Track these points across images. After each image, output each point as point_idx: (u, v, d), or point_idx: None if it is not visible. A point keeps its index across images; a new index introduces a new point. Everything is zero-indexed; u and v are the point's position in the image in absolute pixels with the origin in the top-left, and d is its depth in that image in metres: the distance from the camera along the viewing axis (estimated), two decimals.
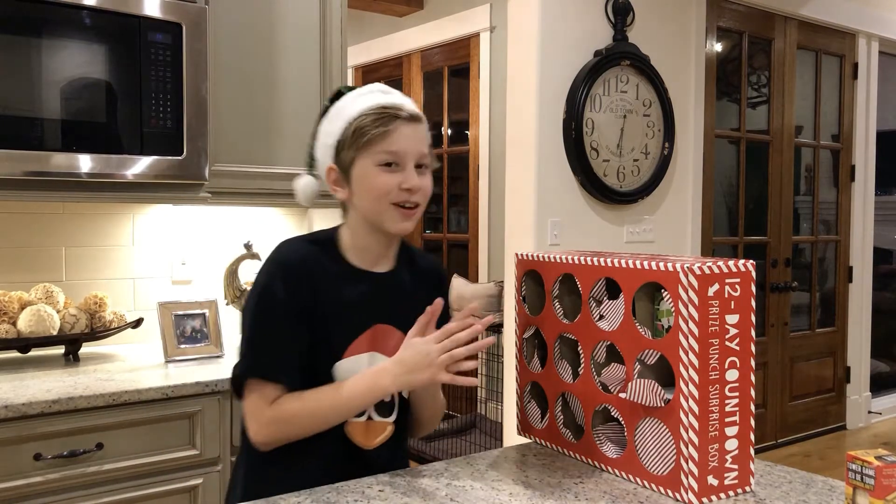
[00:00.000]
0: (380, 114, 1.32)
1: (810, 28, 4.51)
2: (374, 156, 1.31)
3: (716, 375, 1.18)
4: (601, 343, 1.32)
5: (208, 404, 1.97)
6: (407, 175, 1.31)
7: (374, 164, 1.31)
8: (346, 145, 1.33)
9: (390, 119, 1.31)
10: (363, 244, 1.37)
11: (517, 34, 3.31)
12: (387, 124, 1.31)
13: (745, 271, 1.20)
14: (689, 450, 1.17)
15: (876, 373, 5.12)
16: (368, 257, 1.38)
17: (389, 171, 1.31)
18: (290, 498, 1.20)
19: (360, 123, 1.31)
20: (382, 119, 1.31)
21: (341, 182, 1.36)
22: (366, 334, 1.35)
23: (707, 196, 3.99)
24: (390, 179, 1.31)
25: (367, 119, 1.31)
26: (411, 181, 1.31)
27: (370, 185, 1.31)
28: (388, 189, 1.31)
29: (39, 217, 2.31)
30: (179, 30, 2.09)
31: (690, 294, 1.15)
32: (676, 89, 3.70)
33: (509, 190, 3.37)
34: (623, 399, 1.27)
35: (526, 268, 1.49)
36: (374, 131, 1.30)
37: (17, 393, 1.78)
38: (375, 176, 1.31)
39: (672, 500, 1.20)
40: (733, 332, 1.19)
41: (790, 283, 4.52)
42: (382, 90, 1.38)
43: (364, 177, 1.32)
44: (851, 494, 1.09)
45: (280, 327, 1.30)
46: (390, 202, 1.31)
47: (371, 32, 5.42)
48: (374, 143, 1.30)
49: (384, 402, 1.37)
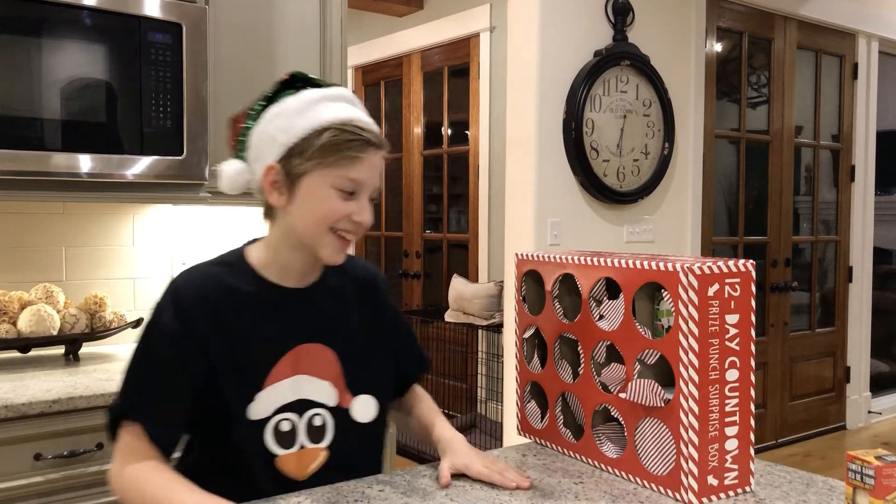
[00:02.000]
0: (357, 136, 1.19)
1: (810, 28, 4.51)
2: (335, 178, 1.19)
3: (716, 375, 1.18)
4: (601, 343, 1.32)
5: None
6: (361, 206, 1.21)
7: (330, 186, 1.19)
8: (303, 153, 1.19)
9: (365, 145, 1.20)
10: (285, 261, 1.26)
11: (517, 34, 3.31)
12: (361, 150, 1.19)
13: (745, 271, 1.20)
14: (689, 450, 1.17)
15: (876, 373, 5.12)
16: (290, 274, 1.27)
17: (344, 197, 1.20)
18: (291, 498, 1.20)
19: (332, 140, 1.18)
20: (356, 143, 1.19)
21: (281, 187, 1.22)
22: (287, 357, 1.24)
23: (707, 196, 3.99)
24: (343, 207, 1.20)
25: (339, 137, 1.19)
26: (365, 215, 1.22)
27: (319, 206, 1.20)
28: (337, 217, 1.20)
29: (39, 217, 2.31)
30: (179, 30, 2.09)
31: (690, 294, 1.15)
32: (676, 89, 3.70)
33: (509, 190, 3.38)
34: (623, 399, 1.27)
35: (526, 268, 1.49)
36: (347, 153, 1.18)
37: (17, 393, 1.78)
38: (328, 198, 1.19)
39: (672, 500, 1.20)
40: (733, 331, 1.19)
41: (790, 283, 4.52)
42: (349, 100, 1.25)
43: (313, 194, 1.20)
44: (851, 494, 1.09)
45: (162, 372, 1.20)
46: (332, 228, 1.21)
47: (371, 32, 5.42)
48: (340, 166, 1.18)
49: (314, 426, 1.26)
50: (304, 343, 1.26)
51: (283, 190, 1.22)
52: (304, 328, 1.27)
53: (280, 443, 1.24)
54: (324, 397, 1.28)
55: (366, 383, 1.32)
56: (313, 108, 1.21)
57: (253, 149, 1.24)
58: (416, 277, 5.26)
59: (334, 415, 1.28)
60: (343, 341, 1.30)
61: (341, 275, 1.34)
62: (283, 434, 1.24)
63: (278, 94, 1.24)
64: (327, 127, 1.19)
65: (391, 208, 5.50)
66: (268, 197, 1.24)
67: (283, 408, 1.24)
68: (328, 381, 1.28)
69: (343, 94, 1.25)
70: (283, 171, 1.21)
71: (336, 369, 1.29)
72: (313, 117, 1.20)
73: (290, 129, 1.20)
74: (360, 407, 1.31)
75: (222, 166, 1.27)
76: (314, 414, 1.27)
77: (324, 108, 1.21)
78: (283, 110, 1.22)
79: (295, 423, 1.25)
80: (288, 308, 1.26)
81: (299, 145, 1.19)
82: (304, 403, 1.26)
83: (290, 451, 1.25)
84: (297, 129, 1.20)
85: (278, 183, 1.21)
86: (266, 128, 1.22)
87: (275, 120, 1.22)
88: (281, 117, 1.21)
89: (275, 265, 1.27)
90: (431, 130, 5.19)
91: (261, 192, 1.25)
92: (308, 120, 1.20)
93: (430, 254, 5.23)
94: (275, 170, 1.21)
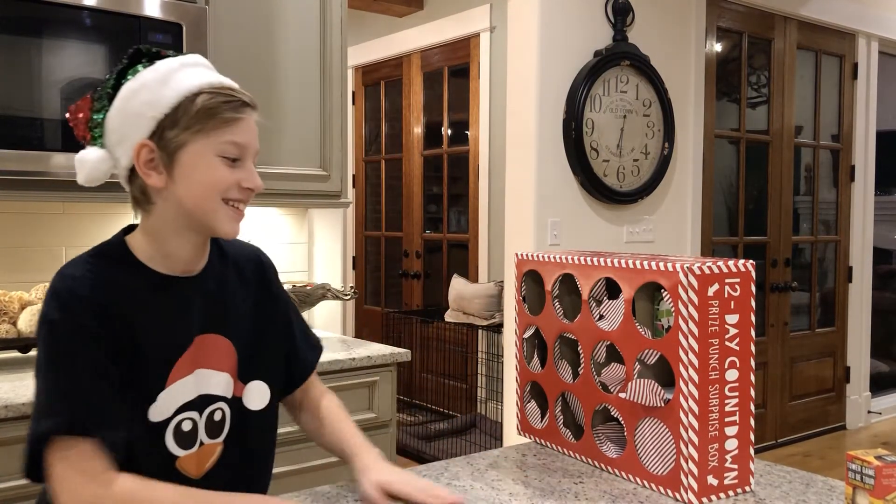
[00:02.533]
0: (230, 97, 1.12)
1: (810, 28, 4.51)
2: (218, 145, 1.10)
3: (716, 375, 1.18)
4: (601, 343, 1.32)
5: None
6: (249, 172, 1.14)
7: (214, 154, 1.11)
8: (178, 124, 1.09)
9: (241, 105, 1.13)
10: (171, 248, 1.15)
11: (517, 34, 3.31)
12: (238, 111, 1.12)
13: (744, 271, 1.20)
14: (689, 449, 1.17)
15: (876, 373, 5.12)
16: (178, 263, 1.16)
17: (229, 164, 1.12)
18: (291, 498, 1.20)
19: (208, 103, 1.09)
20: (233, 103, 1.12)
21: (158, 165, 1.10)
22: (189, 351, 1.15)
23: (707, 196, 3.99)
24: (230, 175, 1.12)
25: (215, 100, 1.10)
26: (254, 180, 1.15)
27: (205, 177, 1.11)
28: (227, 185, 1.12)
29: (39, 217, 2.31)
30: (179, 30, 2.09)
31: (690, 294, 1.16)
32: (676, 89, 3.70)
33: (509, 190, 3.38)
34: (623, 399, 1.27)
35: (526, 268, 1.49)
36: (226, 115, 1.10)
37: (17, 393, 1.78)
38: (214, 167, 1.11)
39: (672, 499, 1.20)
40: (733, 331, 1.20)
41: (790, 283, 4.52)
42: (207, 66, 1.17)
43: (197, 165, 1.10)
44: (851, 494, 1.09)
45: (85, 365, 1.05)
46: (223, 199, 1.12)
47: (371, 32, 5.42)
48: (220, 131, 1.10)
49: (214, 421, 1.18)
50: (203, 334, 1.17)
51: (160, 168, 1.11)
52: (201, 318, 1.17)
53: (180, 443, 1.15)
54: (222, 389, 1.19)
55: (259, 369, 1.24)
56: (175, 75, 1.11)
57: (113, 132, 1.13)
58: (415, 277, 5.26)
59: (230, 406, 1.20)
60: (237, 328, 1.22)
61: (224, 257, 1.25)
62: (185, 434, 1.15)
63: (126, 71, 1.14)
64: (199, 91, 1.10)
65: (391, 208, 5.50)
66: (144, 179, 1.11)
67: (184, 406, 1.14)
68: (226, 372, 1.20)
69: (200, 60, 1.17)
70: (157, 147, 1.10)
71: (233, 359, 1.21)
72: (180, 84, 1.10)
73: (158, 102, 1.09)
74: (253, 394, 1.23)
75: (79, 156, 1.14)
76: (215, 409, 1.18)
77: (188, 74, 1.12)
78: (142, 84, 1.11)
79: (196, 421, 1.16)
80: (182, 299, 1.16)
81: (171, 116, 1.09)
82: (204, 399, 1.17)
83: (190, 450, 1.16)
84: (165, 100, 1.09)
85: (154, 161, 1.10)
86: (126, 106, 1.11)
87: (136, 96, 1.11)
88: (143, 91, 1.10)
89: (160, 254, 1.15)
90: (431, 130, 5.19)
91: (128, 179, 1.14)
92: (175, 89, 1.10)
93: (430, 254, 5.23)
94: (147, 147, 1.10)
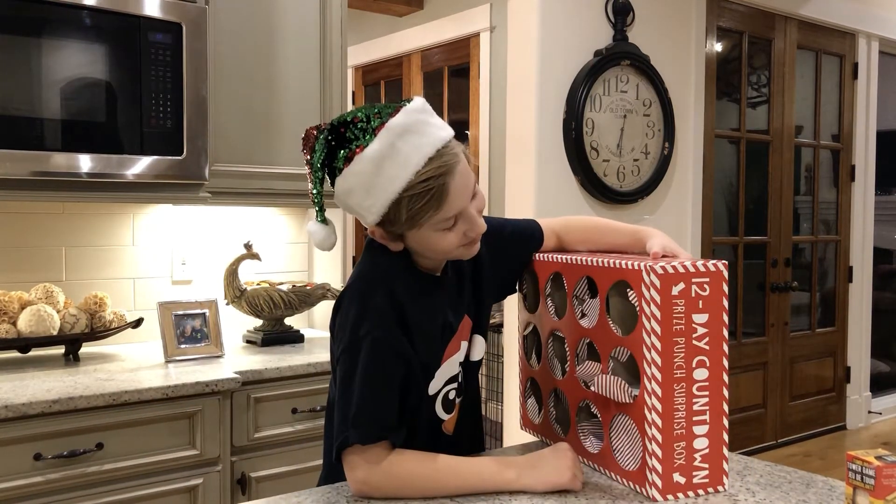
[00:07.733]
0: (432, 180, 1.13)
1: (810, 28, 4.51)
2: (435, 227, 1.18)
3: (682, 374, 1.17)
4: (583, 340, 1.33)
5: (208, 404, 1.97)
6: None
7: (433, 231, 1.18)
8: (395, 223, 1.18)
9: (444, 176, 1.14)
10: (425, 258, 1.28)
11: (517, 34, 3.31)
12: (441, 196, 1.14)
13: (714, 271, 1.19)
14: (653, 446, 1.17)
15: (876, 373, 5.12)
16: (431, 266, 1.30)
17: (451, 228, 1.19)
18: (291, 498, 1.20)
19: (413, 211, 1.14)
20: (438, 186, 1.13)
21: (390, 241, 1.23)
22: (457, 334, 1.31)
23: (707, 196, 3.99)
24: (455, 238, 1.20)
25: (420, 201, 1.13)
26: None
27: (435, 246, 1.21)
28: (454, 246, 1.21)
29: (39, 217, 2.31)
30: (179, 30, 2.09)
31: (652, 293, 1.15)
32: (676, 89, 3.70)
33: (509, 190, 3.38)
34: (599, 395, 1.28)
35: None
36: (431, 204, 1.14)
37: (17, 393, 1.78)
38: (438, 240, 1.20)
39: (641, 495, 1.20)
40: (702, 331, 1.18)
41: (790, 282, 4.52)
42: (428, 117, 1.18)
43: (423, 241, 1.21)
44: (851, 494, 1.09)
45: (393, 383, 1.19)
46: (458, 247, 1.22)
47: (371, 32, 5.42)
48: (431, 215, 1.15)
49: (459, 382, 1.34)
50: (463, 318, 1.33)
51: (394, 240, 1.22)
52: (457, 306, 1.33)
53: (446, 408, 1.32)
54: (464, 354, 1.35)
55: (479, 326, 1.39)
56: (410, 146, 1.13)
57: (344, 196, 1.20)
58: None
59: (462, 365, 1.35)
60: (473, 306, 1.36)
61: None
62: (449, 401, 1.33)
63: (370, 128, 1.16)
64: (400, 197, 1.14)
65: None
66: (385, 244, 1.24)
67: (451, 379, 1.32)
68: (466, 340, 1.35)
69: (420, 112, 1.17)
70: (385, 232, 1.21)
71: (469, 328, 1.36)
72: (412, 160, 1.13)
73: (371, 207, 1.16)
74: (477, 348, 1.38)
75: (310, 232, 1.25)
76: (459, 372, 1.34)
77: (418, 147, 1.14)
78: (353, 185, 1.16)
79: (456, 389, 1.34)
80: (441, 291, 1.31)
81: (387, 216, 1.17)
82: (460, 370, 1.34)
83: (451, 414, 1.34)
84: (376, 206, 1.16)
85: (386, 238, 1.22)
86: (347, 201, 1.20)
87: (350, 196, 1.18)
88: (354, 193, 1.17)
89: (421, 261, 1.28)
90: None
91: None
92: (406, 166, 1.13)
93: None
94: (377, 233, 1.22)
